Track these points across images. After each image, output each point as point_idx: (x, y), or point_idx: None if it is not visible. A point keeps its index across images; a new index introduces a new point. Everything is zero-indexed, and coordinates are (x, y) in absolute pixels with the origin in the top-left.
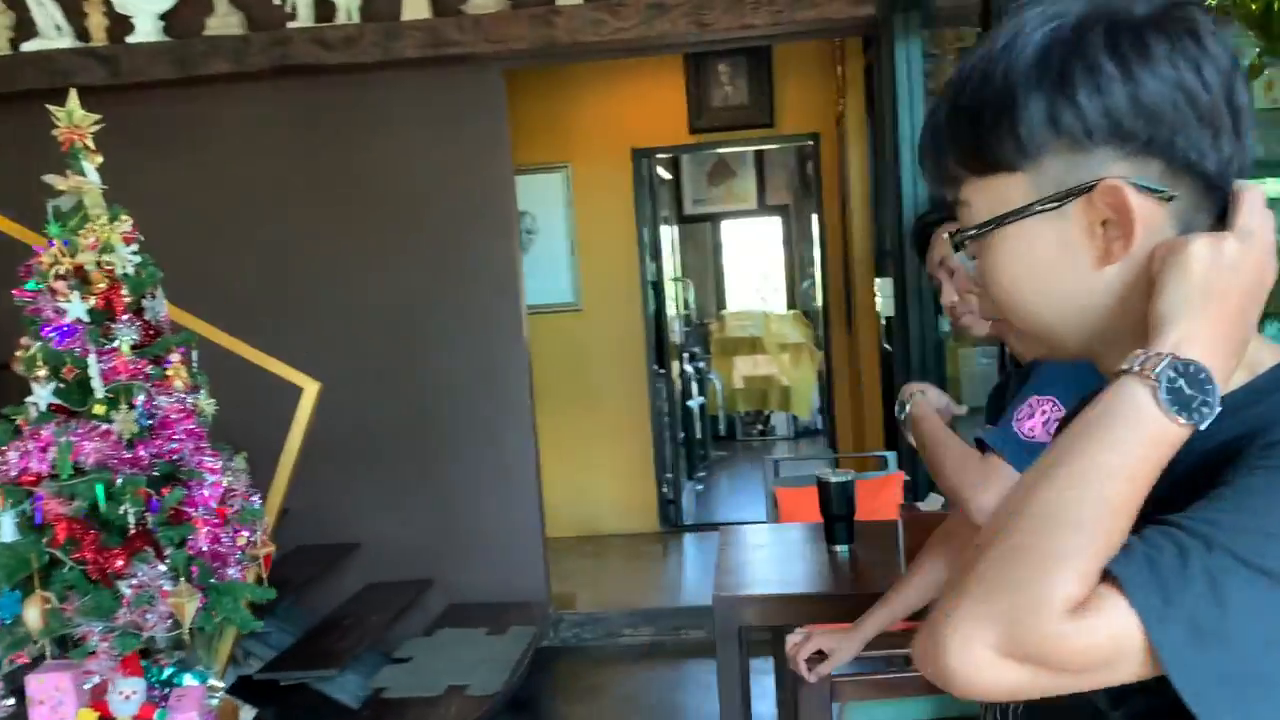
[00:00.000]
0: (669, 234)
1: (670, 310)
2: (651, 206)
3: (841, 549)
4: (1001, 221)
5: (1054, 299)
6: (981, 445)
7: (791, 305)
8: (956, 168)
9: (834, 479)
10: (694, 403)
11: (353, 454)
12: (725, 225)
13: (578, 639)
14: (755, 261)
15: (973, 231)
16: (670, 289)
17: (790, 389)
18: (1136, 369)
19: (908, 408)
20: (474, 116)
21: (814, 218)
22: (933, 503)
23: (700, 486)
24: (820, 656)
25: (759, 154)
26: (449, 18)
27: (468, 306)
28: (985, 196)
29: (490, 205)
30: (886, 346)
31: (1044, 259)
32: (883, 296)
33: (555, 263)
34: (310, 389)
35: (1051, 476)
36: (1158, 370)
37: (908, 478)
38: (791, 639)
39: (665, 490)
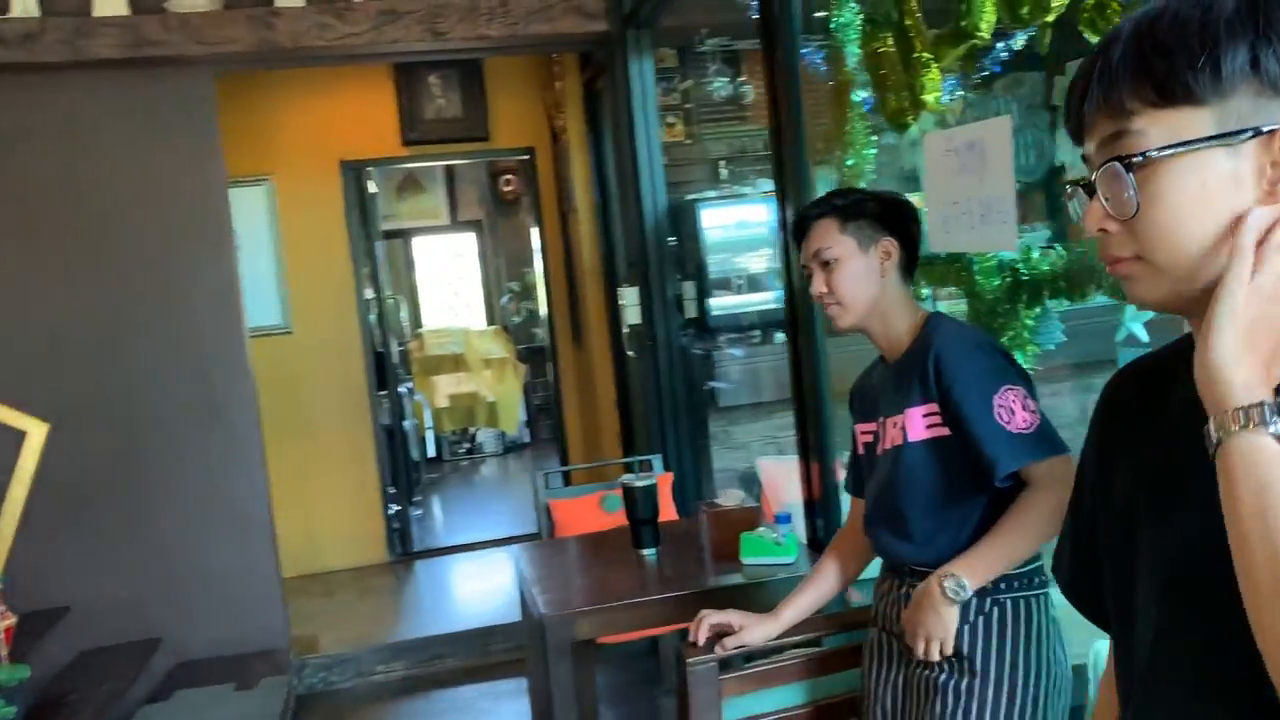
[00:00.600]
0: (382, 250)
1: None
2: (363, 221)
3: (650, 552)
4: (1192, 145)
5: (1208, 233)
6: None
7: (491, 321)
8: (1133, 99)
9: (639, 483)
10: (408, 424)
11: (50, 506)
12: (416, 241)
13: (326, 683)
14: (449, 278)
15: (1166, 151)
16: (383, 308)
17: (496, 405)
18: None
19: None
20: (183, 123)
21: (532, 231)
22: (731, 497)
23: (419, 511)
24: (722, 636)
25: (449, 169)
26: (151, 15)
27: (181, 332)
28: (1164, 126)
29: (202, 219)
30: (629, 354)
31: (1212, 190)
32: (629, 305)
33: (261, 282)
34: (36, 432)
35: None
36: None
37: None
38: (703, 614)
39: (393, 518)
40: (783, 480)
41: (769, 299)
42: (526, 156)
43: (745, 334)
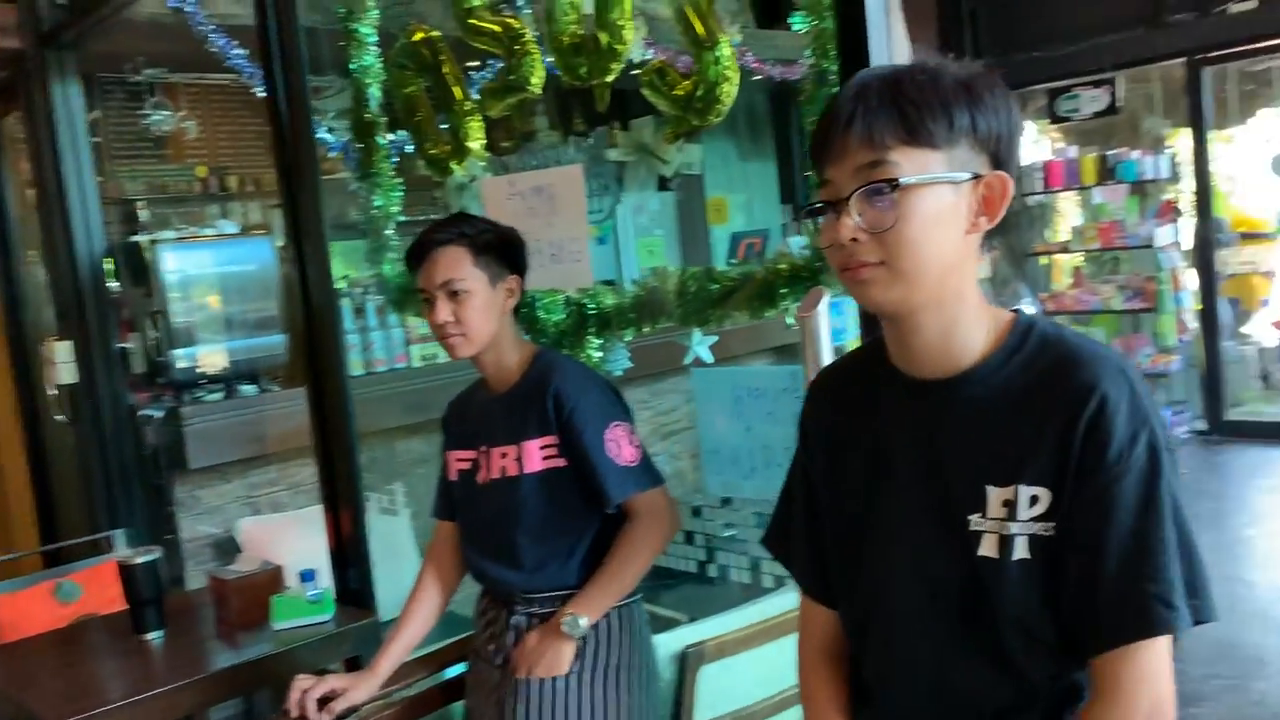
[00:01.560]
0: None
1: None
2: None
3: (155, 636)
4: (941, 180)
5: (939, 247)
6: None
7: None
8: (890, 137)
9: (139, 559)
10: None
11: None
12: None
13: None
14: None
15: (926, 180)
16: None
17: None
18: None
19: None
20: None
21: None
22: (249, 561)
23: None
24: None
25: None
26: None
27: None
28: (911, 161)
29: None
30: (60, 419)
31: (945, 215)
32: (61, 362)
33: None
34: None
35: None
36: None
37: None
38: (299, 684)
39: None
40: (268, 541)
41: (250, 346)
42: None
43: (214, 386)
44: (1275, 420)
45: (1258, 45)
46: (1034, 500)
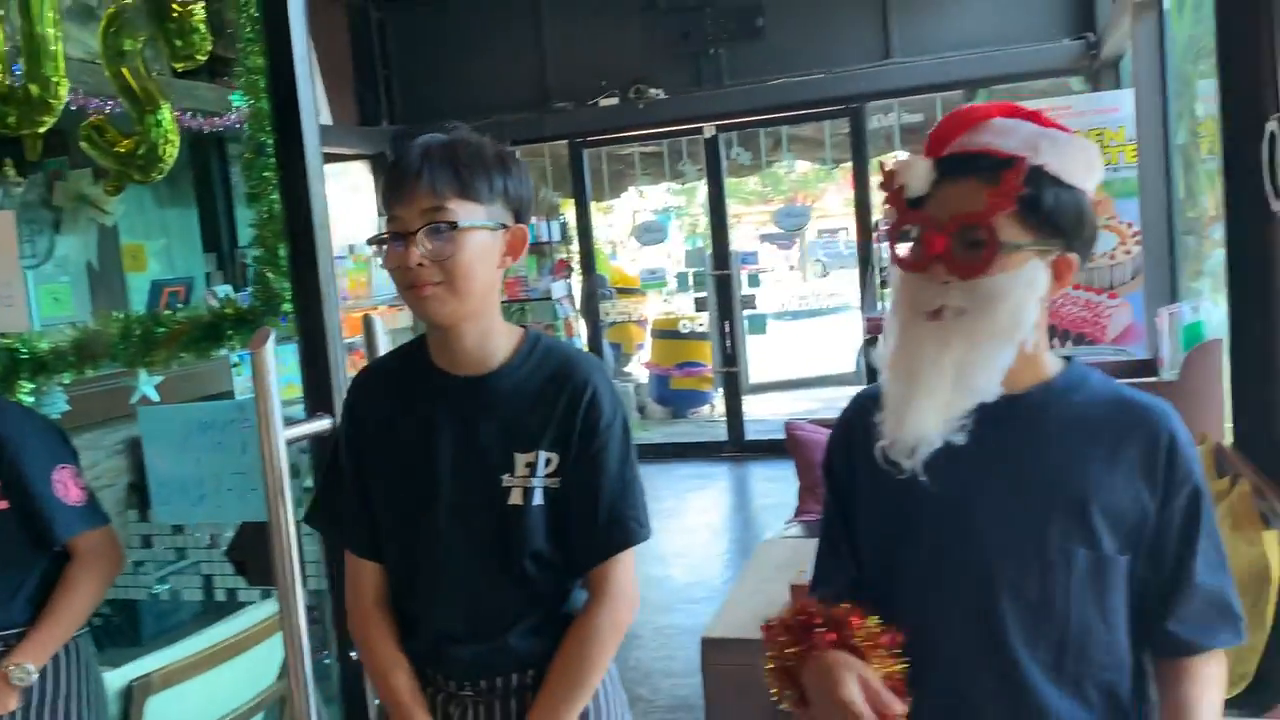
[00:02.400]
0: None
1: None
2: None
3: None
4: (491, 226)
5: (482, 275)
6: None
7: None
8: (447, 190)
9: None
10: None
11: None
12: None
13: None
14: None
15: (474, 225)
16: None
17: None
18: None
19: None
20: None
21: None
22: None
23: None
24: None
25: None
26: None
27: None
28: (464, 211)
29: None
30: None
31: (486, 251)
32: None
33: None
34: None
35: None
36: None
37: None
38: None
39: None
40: None
41: None
42: None
43: None
44: (649, 443)
45: (622, 135)
46: (549, 462)
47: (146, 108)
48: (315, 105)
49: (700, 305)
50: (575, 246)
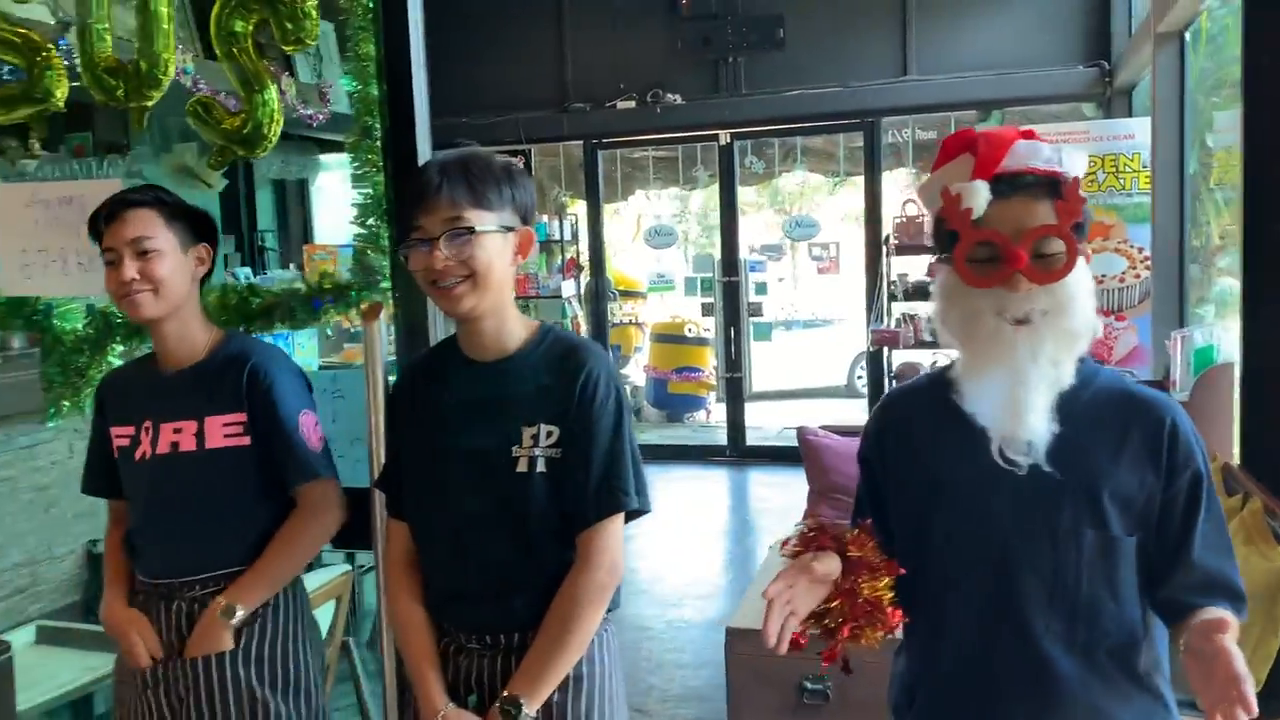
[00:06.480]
0: None
1: None
2: None
3: None
4: (502, 229)
5: (499, 272)
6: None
7: None
8: (465, 200)
9: None
10: None
11: None
12: None
13: None
14: None
15: (488, 229)
16: None
17: None
18: None
19: None
20: None
21: None
22: None
23: None
24: None
25: None
26: None
27: None
28: (479, 217)
29: None
30: None
31: (501, 251)
32: None
33: None
34: None
35: None
36: None
37: None
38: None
39: None
40: None
41: None
42: None
43: None
44: (647, 444)
45: (636, 138)
46: (550, 434)
47: (254, 87)
48: (426, 92)
49: (707, 310)
50: (584, 245)
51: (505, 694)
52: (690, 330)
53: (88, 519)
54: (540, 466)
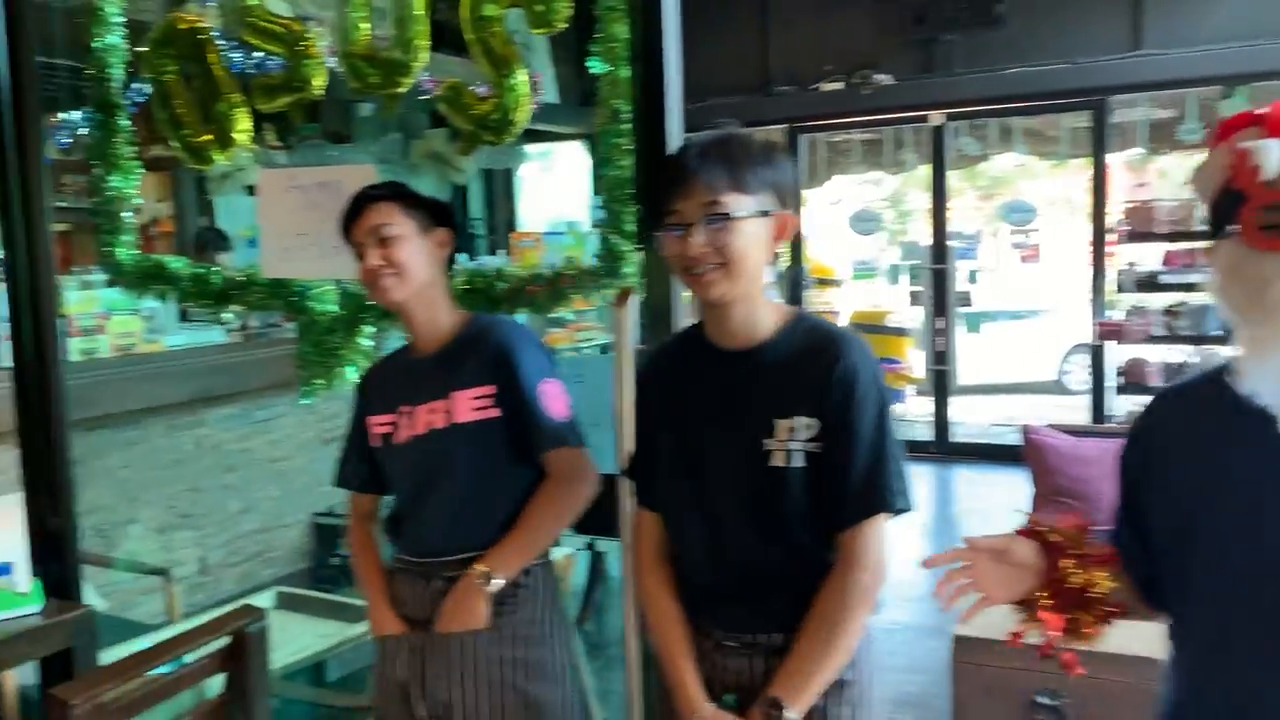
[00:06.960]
0: None
1: None
2: None
3: None
4: (760, 214)
5: (755, 258)
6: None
7: None
8: (721, 184)
9: None
10: None
11: None
12: None
13: None
14: None
15: (746, 214)
16: None
17: None
18: None
19: None
20: None
21: None
22: None
23: None
24: None
25: None
26: None
27: None
28: (737, 202)
29: None
30: None
31: (757, 237)
32: None
33: None
34: None
35: None
36: None
37: None
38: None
39: None
40: None
41: None
42: None
43: None
44: None
45: (841, 121)
46: (808, 427)
47: (503, 71)
48: (680, 77)
49: (915, 299)
50: None
51: (768, 695)
52: (891, 320)
53: (313, 491)
54: (798, 460)
